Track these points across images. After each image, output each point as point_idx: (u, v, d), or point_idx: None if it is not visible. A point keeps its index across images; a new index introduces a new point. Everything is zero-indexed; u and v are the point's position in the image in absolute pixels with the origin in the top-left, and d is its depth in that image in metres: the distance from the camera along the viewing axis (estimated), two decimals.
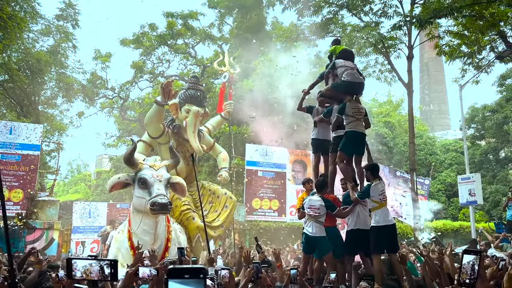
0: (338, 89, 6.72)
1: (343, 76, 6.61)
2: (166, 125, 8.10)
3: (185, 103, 8.07)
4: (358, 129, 6.43)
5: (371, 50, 16.92)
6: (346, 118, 6.47)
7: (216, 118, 9.53)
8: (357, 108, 6.53)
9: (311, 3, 16.68)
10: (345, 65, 6.78)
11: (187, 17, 26.16)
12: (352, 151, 6.47)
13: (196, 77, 8.61)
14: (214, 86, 24.39)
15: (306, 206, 6.12)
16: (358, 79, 6.73)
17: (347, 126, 6.46)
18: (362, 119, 6.53)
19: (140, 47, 25.73)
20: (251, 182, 16.94)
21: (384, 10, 15.53)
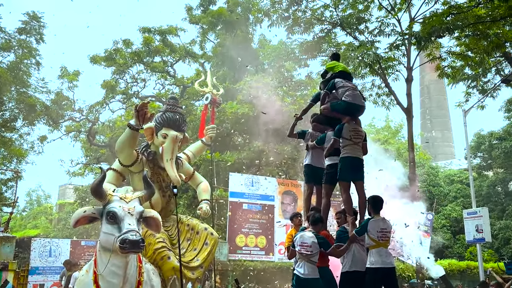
0: (337, 109, 6.76)
1: (344, 96, 6.67)
2: (140, 151, 8.01)
3: (162, 127, 8.02)
4: (355, 154, 6.45)
5: (367, 71, 17.26)
6: (342, 141, 6.49)
7: (197, 144, 9.49)
8: (356, 131, 6.56)
9: (302, 20, 17.05)
10: (347, 84, 6.87)
11: (165, 32, 26.49)
12: (351, 177, 6.50)
13: (174, 98, 8.60)
14: (195, 108, 24.47)
15: (297, 243, 6.05)
16: (360, 101, 6.81)
17: (342, 150, 6.47)
18: (360, 143, 6.56)
19: (112, 65, 25.84)
20: (235, 216, 16.79)
21: (381, 28, 15.96)
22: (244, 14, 25.77)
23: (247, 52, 25.39)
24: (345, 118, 6.60)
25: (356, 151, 6.47)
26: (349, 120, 6.59)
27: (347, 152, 6.42)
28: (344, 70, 7.24)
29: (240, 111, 19.61)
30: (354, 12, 16.62)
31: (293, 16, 16.67)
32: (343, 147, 6.46)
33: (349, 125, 6.54)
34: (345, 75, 7.16)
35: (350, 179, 6.49)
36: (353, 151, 6.43)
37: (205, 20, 26.19)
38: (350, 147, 6.43)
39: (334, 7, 16.54)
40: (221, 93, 9.96)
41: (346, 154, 6.42)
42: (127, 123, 7.42)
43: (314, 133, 7.51)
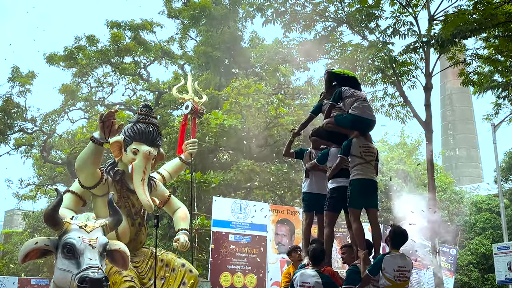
0: (342, 123, 6.81)
1: (352, 108, 6.72)
2: (105, 170, 7.97)
3: (132, 141, 7.99)
4: (368, 175, 6.50)
5: (378, 77, 17.39)
6: (351, 159, 6.52)
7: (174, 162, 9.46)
8: (367, 147, 6.62)
9: (301, 16, 17.20)
10: (356, 94, 6.92)
11: (138, 28, 26.60)
12: (363, 203, 6.52)
13: (148, 106, 8.58)
14: (172, 119, 24.45)
15: (297, 283, 6.02)
16: (371, 115, 6.89)
17: (352, 170, 6.50)
18: (372, 162, 6.61)
19: (73, 66, 25.85)
20: (220, 250, 16.65)
21: (396, 27, 16.10)
22: (233, 7, 25.98)
23: (235, 52, 25.53)
24: (353, 133, 6.63)
25: (369, 172, 6.51)
26: (358, 134, 6.61)
27: (358, 173, 6.45)
28: (354, 77, 7.33)
29: (226, 122, 19.60)
30: (363, 7, 16.77)
31: (291, 11, 16.78)
32: (353, 167, 6.49)
33: (358, 141, 6.57)
34: (354, 82, 7.22)
35: (362, 206, 6.53)
36: (365, 172, 6.47)
37: (186, 13, 26.32)
38: (361, 166, 6.46)
39: (339, 1, 16.70)
40: (204, 101, 9.97)
41: (357, 176, 6.45)
42: (89, 135, 7.39)
43: (314, 152, 7.54)
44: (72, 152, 23.53)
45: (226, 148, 22.81)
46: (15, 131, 25.80)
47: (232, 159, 22.88)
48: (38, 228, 24.11)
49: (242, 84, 20.76)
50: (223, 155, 24.32)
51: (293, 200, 20.53)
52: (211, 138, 21.05)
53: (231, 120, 19.73)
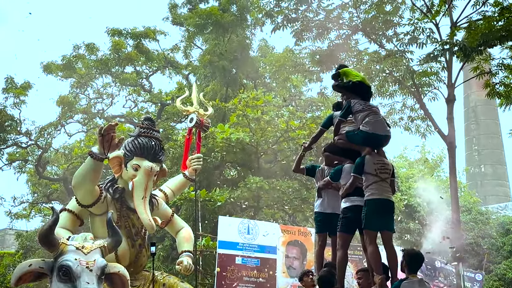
0: (354, 140, 6.84)
1: (363, 124, 6.74)
2: (104, 187, 8.00)
3: (133, 157, 8.03)
4: (384, 195, 6.49)
5: (397, 88, 17.40)
6: (366, 178, 6.53)
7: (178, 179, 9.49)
8: (382, 163, 6.63)
9: (314, 23, 17.29)
10: (367, 107, 6.93)
11: (140, 36, 26.81)
12: (379, 225, 6.51)
13: (150, 119, 8.64)
14: (176, 132, 24.51)
15: None
16: (384, 130, 6.89)
17: (367, 190, 6.50)
18: (388, 180, 6.60)
19: (71, 76, 26.05)
20: (226, 273, 16.59)
21: (415, 34, 16.15)
22: (241, 14, 26.13)
23: (243, 61, 25.61)
24: (366, 149, 6.64)
25: (384, 191, 6.51)
26: (370, 151, 6.62)
27: (374, 193, 6.45)
28: (363, 81, 7.30)
29: (233, 136, 19.60)
30: (380, 14, 16.85)
31: (303, 18, 16.89)
32: (368, 186, 6.49)
33: (372, 157, 6.59)
34: (364, 89, 7.22)
35: (378, 228, 6.52)
36: (380, 191, 6.46)
37: (192, 21, 26.49)
38: (377, 185, 6.46)
39: (355, 7, 16.79)
40: (209, 114, 10.02)
41: (373, 196, 6.45)
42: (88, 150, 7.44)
43: (326, 169, 7.55)
44: (69, 168, 23.63)
45: (233, 164, 22.80)
46: (9, 145, 25.93)
47: (240, 175, 22.84)
48: (31, 249, 24.10)
49: (250, 95, 20.78)
50: (230, 172, 24.31)
51: (305, 220, 20.46)
52: (217, 153, 21.06)
53: (239, 134, 19.73)
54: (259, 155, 20.93)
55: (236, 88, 24.94)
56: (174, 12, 28.20)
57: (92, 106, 27.13)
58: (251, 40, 27.32)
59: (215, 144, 20.13)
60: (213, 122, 20.03)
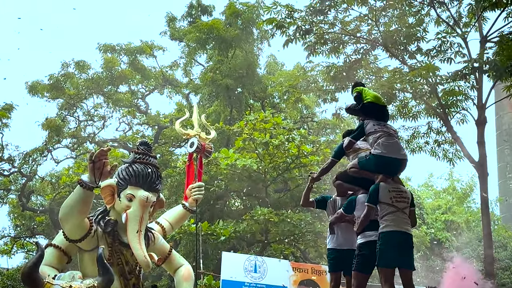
0: (367, 166, 6.81)
1: (375, 147, 6.72)
2: (94, 220, 7.95)
3: (127, 186, 7.99)
4: (401, 227, 6.45)
5: (421, 109, 17.33)
6: (381, 208, 6.50)
7: (176, 210, 9.43)
8: (398, 191, 6.59)
9: (329, 36, 17.34)
10: (379, 129, 6.91)
11: (136, 52, 27.03)
12: (395, 262, 6.45)
13: (146, 144, 8.60)
14: (175, 158, 24.54)
15: None
16: (399, 153, 6.86)
17: (382, 221, 6.47)
18: (406, 210, 6.55)
19: (59, 96, 26.18)
20: None
21: (441, 49, 16.14)
22: (246, 27, 26.31)
23: (249, 80, 25.71)
24: (379, 176, 6.60)
25: (402, 222, 6.47)
26: (385, 178, 6.58)
27: (389, 224, 6.42)
28: (375, 101, 7.28)
29: (239, 163, 19.58)
30: (402, 27, 16.89)
31: (317, 31, 16.92)
32: (383, 217, 6.46)
33: (387, 185, 6.57)
34: (377, 109, 7.20)
35: (394, 265, 6.46)
36: (397, 222, 6.42)
37: (192, 35, 26.66)
38: (393, 216, 6.43)
39: (374, 20, 16.83)
40: (212, 138, 9.99)
41: (388, 228, 6.42)
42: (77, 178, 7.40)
43: (339, 201, 7.55)
44: (55, 198, 23.63)
45: (238, 193, 22.74)
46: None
47: (246, 206, 22.78)
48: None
49: (258, 117, 20.79)
50: (235, 202, 24.23)
51: (319, 257, 20.31)
52: (220, 182, 21.02)
53: (245, 160, 19.72)
54: (267, 183, 20.86)
55: (241, 109, 24.99)
56: (173, 26, 28.45)
57: (82, 129, 27.21)
58: (258, 56, 27.52)
59: (219, 171, 20.11)
60: (216, 146, 20.04)
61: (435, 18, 17.23)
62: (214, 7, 28.81)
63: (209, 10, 28.70)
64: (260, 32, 26.39)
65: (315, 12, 16.56)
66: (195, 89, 27.69)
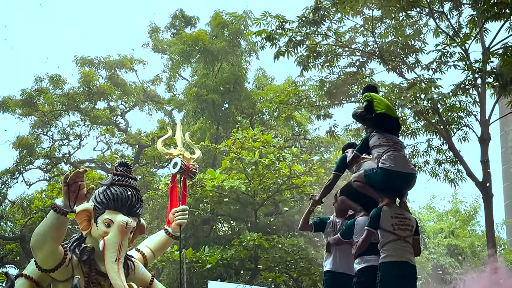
0: (373, 180, 6.78)
1: (381, 161, 6.72)
2: (69, 248, 7.91)
3: (105, 210, 7.96)
4: (404, 257, 6.43)
5: (420, 125, 17.37)
6: (382, 235, 6.48)
7: (159, 236, 9.39)
8: (401, 218, 6.57)
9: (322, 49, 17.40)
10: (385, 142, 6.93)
11: (115, 66, 27.04)
12: None
13: (125, 164, 8.59)
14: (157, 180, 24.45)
15: None
16: (407, 167, 6.89)
17: (383, 250, 6.44)
18: (409, 238, 6.54)
19: (32, 113, 26.07)
20: None
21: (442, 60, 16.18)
22: (233, 39, 26.43)
23: (237, 95, 25.77)
24: (385, 200, 6.59)
25: (404, 252, 6.45)
26: (389, 202, 6.58)
27: (390, 254, 6.38)
28: (388, 113, 7.29)
29: (226, 184, 19.57)
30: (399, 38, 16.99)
31: (309, 42, 16.97)
32: (383, 246, 6.44)
33: (390, 209, 6.54)
34: (389, 122, 7.23)
35: None
36: (399, 252, 6.40)
37: (176, 48, 26.78)
38: (395, 245, 6.41)
39: (370, 30, 16.93)
40: (197, 157, 9.99)
41: (389, 258, 6.39)
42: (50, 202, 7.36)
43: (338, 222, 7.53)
44: (27, 224, 23.44)
45: (226, 217, 22.67)
46: None
47: (234, 231, 22.70)
48: None
49: (246, 135, 20.81)
50: (222, 226, 24.14)
51: (313, 286, 20.20)
52: (206, 205, 20.97)
53: (232, 181, 19.70)
54: (256, 206, 20.82)
55: (228, 126, 25.02)
56: (155, 37, 28.56)
57: (57, 149, 27.11)
58: (246, 70, 27.57)
59: (204, 194, 20.08)
60: (202, 167, 19.98)
61: (434, 28, 17.36)
62: (198, 18, 29.13)
63: (193, 22, 28.90)
64: (249, 44, 26.48)
65: (308, 23, 16.59)
66: (178, 105, 27.72)
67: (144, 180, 23.99)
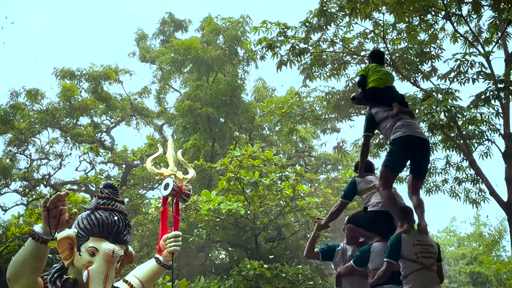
0: (390, 164, 7.05)
1: (393, 132, 7.03)
2: (49, 280, 7.84)
3: (89, 237, 7.87)
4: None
5: (438, 140, 17.35)
6: (404, 265, 6.46)
7: (149, 265, 9.27)
8: (424, 245, 6.57)
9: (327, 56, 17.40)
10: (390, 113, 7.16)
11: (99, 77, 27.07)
12: None
13: (112, 186, 8.51)
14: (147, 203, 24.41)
15: None
16: (420, 133, 7.31)
17: (406, 282, 6.41)
18: (434, 267, 6.53)
19: (7, 131, 26.07)
20: None
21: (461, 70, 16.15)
22: (230, 47, 26.50)
23: (234, 108, 25.80)
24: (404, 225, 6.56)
25: (430, 282, 6.45)
26: (408, 228, 6.55)
27: (415, 286, 6.36)
28: (378, 86, 7.55)
29: (223, 207, 19.53)
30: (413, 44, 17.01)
31: (314, 50, 16.99)
32: (406, 277, 6.42)
33: (410, 237, 6.54)
34: (383, 94, 7.46)
35: None
36: (425, 283, 6.41)
37: (166, 57, 26.83)
38: (419, 274, 6.41)
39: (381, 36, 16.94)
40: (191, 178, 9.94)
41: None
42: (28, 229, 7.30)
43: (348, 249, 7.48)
44: (3, 253, 23.33)
45: (223, 243, 22.61)
46: None
47: (232, 259, 22.62)
48: None
49: (245, 152, 20.79)
50: (219, 254, 24.08)
51: None
52: (201, 230, 20.91)
53: (230, 204, 19.67)
54: (257, 231, 20.78)
55: (225, 143, 25.03)
56: (143, 45, 28.65)
57: (35, 169, 27.15)
58: (244, 80, 27.65)
59: (199, 218, 20.02)
60: (196, 188, 19.96)
61: (451, 33, 17.38)
62: (190, 21, 29.22)
63: (184, 26, 29.08)
64: (247, 52, 26.49)
65: (312, 29, 16.58)
66: (169, 119, 27.78)
67: (132, 203, 23.96)
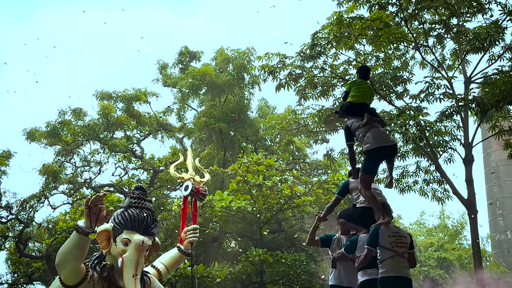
0: (366, 168, 6.98)
1: (365, 142, 6.99)
2: (91, 265, 7.84)
3: (123, 230, 7.89)
4: (399, 272, 6.39)
5: (409, 149, 17.35)
6: (381, 252, 6.45)
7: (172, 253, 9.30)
8: (398, 236, 6.55)
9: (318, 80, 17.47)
10: None
11: (131, 99, 27.17)
12: None
13: (141, 188, 8.55)
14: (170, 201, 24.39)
15: None
16: (388, 140, 7.26)
17: (382, 265, 6.40)
18: (405, 254, 6.51)
19: (56, 143, 26.15)
20: None
21: (429, 91, 16.27)
22: (238, 73, 26.59)
23: (242, 123, 25.85)
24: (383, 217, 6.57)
25: (401, 267, 6.43)
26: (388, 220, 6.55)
27: (389, 270, 6.36)
28: (355, 102, 7.58)
29: (233, 205, 19.49)
30: (388, 69, 17.09)
31: (307, 75, 17.07)
32: (382, 262, 6.41)
33: (387, 229, 6.52)
34: (358, 108, 7.47)
35: None
36: (396, 267, 6.38)
37: (185, 82, 26.97)
38: (392, 260, 6.39)
39: (362, 63, 16.98)
40: (206, 180, 9.95)
41: (387, 273, 6.36)
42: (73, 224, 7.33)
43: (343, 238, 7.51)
44: (52, 244, 23.33)
45: (233, 235, 22.56)
46: None
47: (241, 247, 22.57)
48: None
49: (251, 159, 20.80)
50: (230, 244, 24.01)
51: None
52: (215, 224, 20.90)
53: (239, 202, 19.63)
54: (261, 224, 20.74)
55: (234, 152, 25.05)
56: (165, 73, 28.77)
57: (79, 175, 27.11)
58: (249, 100, 27.73)
59: (213, 214, 20.00)
60: (211, 189, 19.95)
61: (420, 61, 17.50)
62: (202, 52, 29.41)
63: (198, 56, 29.29)
64: (252, 77, 26.60)
65: (306, 58, 16.73)
66: (188, 133, 27.84)
67: (159, 202, 23.91)
